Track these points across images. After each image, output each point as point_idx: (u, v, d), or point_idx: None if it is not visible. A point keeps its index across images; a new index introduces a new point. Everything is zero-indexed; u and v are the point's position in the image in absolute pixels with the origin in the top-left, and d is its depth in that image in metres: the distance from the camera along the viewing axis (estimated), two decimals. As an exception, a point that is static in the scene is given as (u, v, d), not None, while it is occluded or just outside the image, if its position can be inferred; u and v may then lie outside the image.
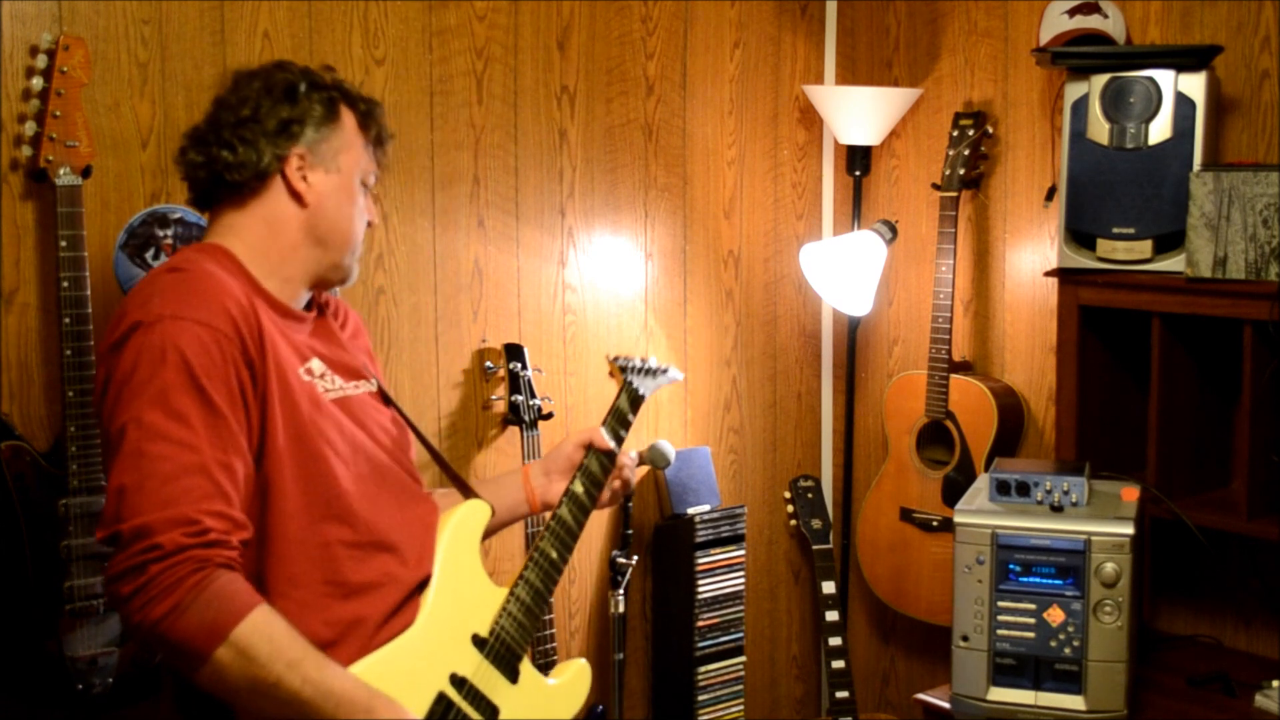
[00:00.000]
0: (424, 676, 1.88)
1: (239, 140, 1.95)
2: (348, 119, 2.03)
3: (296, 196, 1.97)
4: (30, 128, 2.38)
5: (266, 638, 1.69)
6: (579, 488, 2.20)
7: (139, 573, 1.66)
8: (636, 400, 2.35)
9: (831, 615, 3.42)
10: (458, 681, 1.93)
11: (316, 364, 1.96)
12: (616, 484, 2.30)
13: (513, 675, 2.02)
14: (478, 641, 1.99)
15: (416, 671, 1.87)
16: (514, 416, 2.98)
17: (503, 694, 1.98)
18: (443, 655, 1.94)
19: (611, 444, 2.26)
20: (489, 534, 2.24)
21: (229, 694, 1.72)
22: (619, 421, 2.30)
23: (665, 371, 2.42)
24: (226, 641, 1.67)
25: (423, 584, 1.97)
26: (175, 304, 1.79)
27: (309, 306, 2.06)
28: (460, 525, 2.06)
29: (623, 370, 2.36)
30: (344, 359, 2.04)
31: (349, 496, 1.91)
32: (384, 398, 2.10)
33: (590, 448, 2.25)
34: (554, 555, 2.12)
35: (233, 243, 1.96)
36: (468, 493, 2.17)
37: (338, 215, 2.01)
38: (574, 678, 2.17)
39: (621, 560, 2.75)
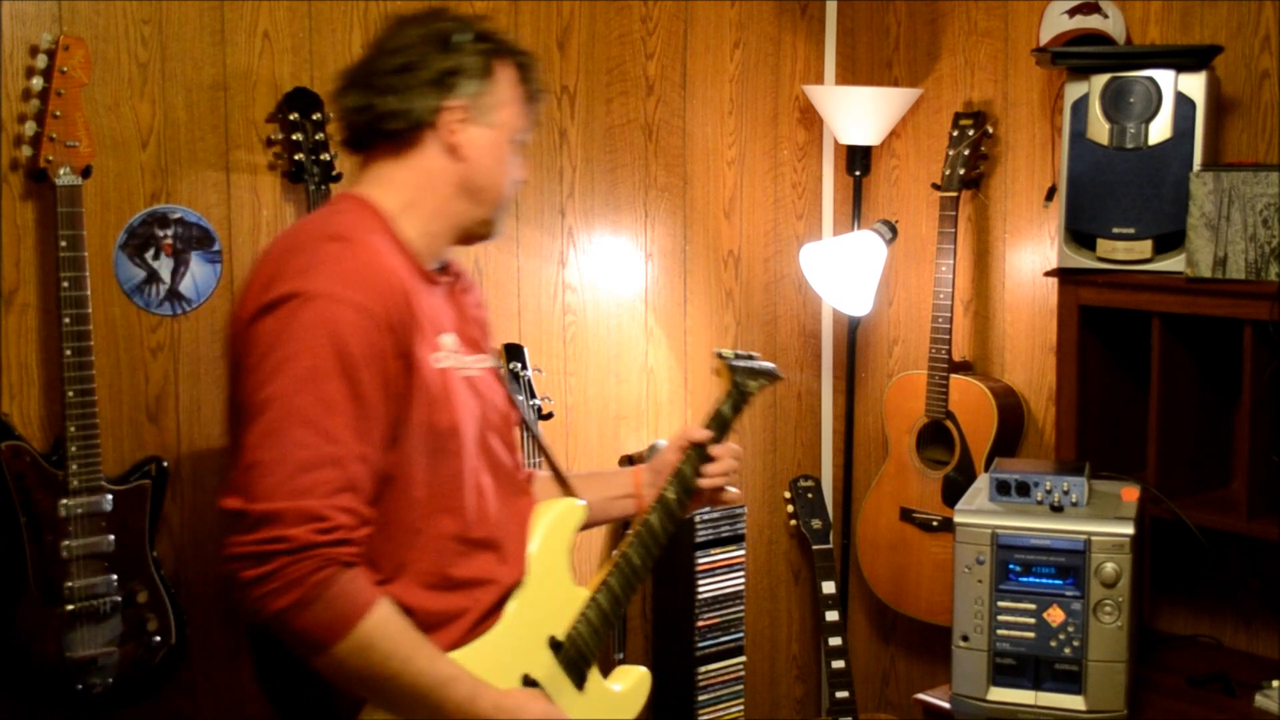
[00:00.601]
0: (499, 676, 1.86)
1: (399, 88, 1.91)
2: (505, 73, 1.98)
3: (452, 150, 1.93)
4: (30, 128, 2.38)
5: (384, 635, 1.71)
6: (671, 494, 2.16)
7: (263, 561, 1.65)
8: (741, 403, 2.26)
9: (831, 615, 3.42)
10: (529, 684, 1.92)
11: (449, 338, 1.92)
12: (726, 487, 2.23)
13: (580, 681, 2.01)
14: (554, 645, 1.98)
15: (492, 670, 1.86)
16: (514, 416, 2.98)
17: (568, 700, 1.97)
18: (519, 656, 1.93)
19: (707, 435, 2.20)
20: (590, 526, 2.20)
21: (343, 682, 1.75)
22: (719, 425, 2.22)
23: (770, 373, 2.33)
24: (348, 637, 1.68)
25: (516, 584, 1.96)
26: (338, 282, 1.75)
27: (442, 271, 2.02)
28: (555, 526, 2.04)
29: (732, 370, 2.26)
30: (470, 331, 2.02)
31: (466, 491, 1.90)
32: (498, 376, 2.08)
33: (688, 450, 2.20)
34: (637, 562, 2.10)
35: (384, 195, 1.93)
36: (565, 487, 2.15)
37: (492, 170, 1.97)
38: (635, 685, 2.14)
39: (621, 560, 2.75)
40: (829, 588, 3.44)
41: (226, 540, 1.69)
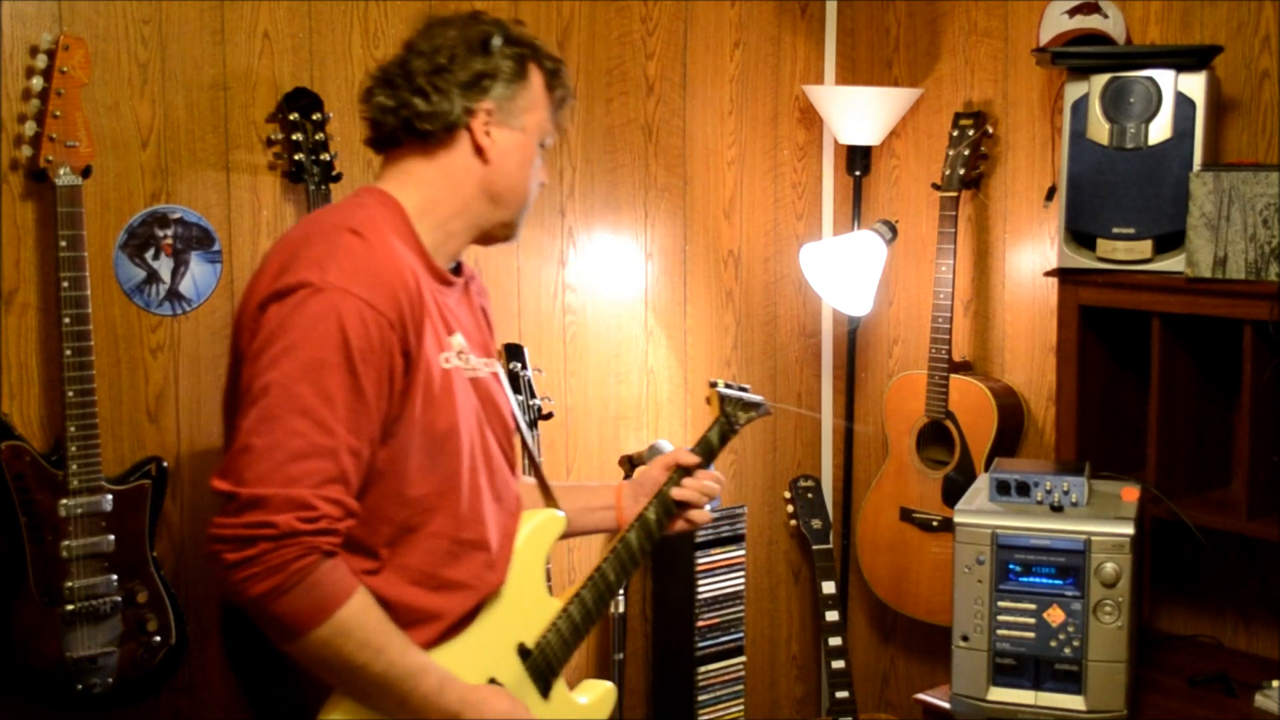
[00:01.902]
0: (465, 677, 1.88)
1: (433, 89, 1.92)
2: (535, 78, 2.00)
3: (479, 152, 1.95)
4: (30, 128, 2.38)
5: (359, 625, 1.73)
6: (651, 515, 2.18)
7: (247, 545, 1.67)
8: (728, 435, 2.29)
9: (831, 615, 3.42)
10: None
11: (458, 339, 1.94)
12: (696, 515, 2.24)
13: (545, 690, 2.03)
14: (522, 652, 2.00)
15: (459, 671, 1.87)
16: (514, 416, 2.98)
17: (533, 706, 1.99)
18: (487, 659, 1.94)
19: (696, 460, 2.22)
20: (567, 537, 2.23)
21: (315, 669, 1.77)
22: (705, 452, 2.25)
23: (759, 406, 2.34)
24: (323, 625, 1.71)
25: (496, 590, 1.97)
26: (350, 276, 1.76)
27: (455, 271, 2.04)
28: (535, 535, 2.06)
29: (722, 400, 2.29)
30: (479, 334, 2.04)
31: (463, 492, 1.91)
32: (500, 379, 2.08)
33: (674, 471, 2.21)
34: (612, 578, 2.13)
35: (407, 192, 1.94)
36: (548, 496, 2.17)
37: (516, 174, 1.99)
38: (600, 700, 2.16)
39: (621, 560, 2.75)
40: (829, 588, 3.44)
41: (213, 520, 1.71)
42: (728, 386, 2.32)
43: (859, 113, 3.40)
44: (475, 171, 1.96)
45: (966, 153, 3.24)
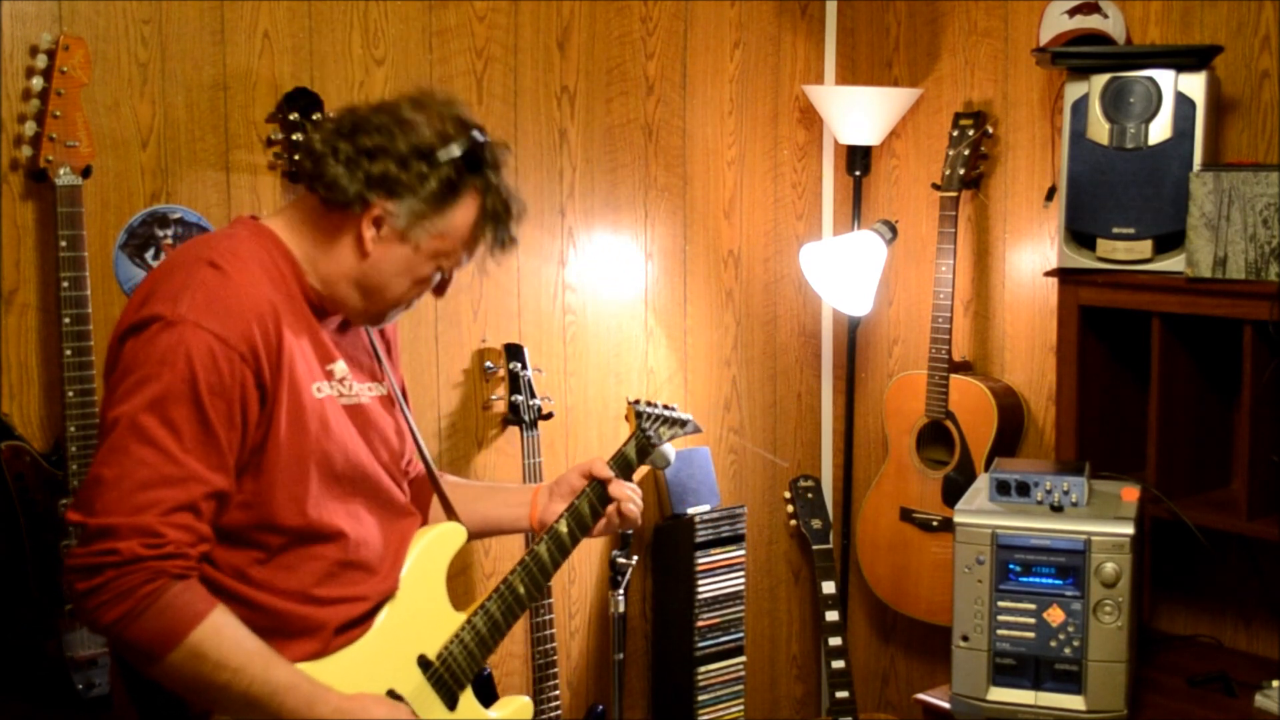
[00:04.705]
0: (362, 689, 1.88)
1: (345, 162, 1.85)
2: (465, 210, 1.92)
3: (358, 242, 1.89)
4: (30, 128, 2.38)
5: (216, 645, 1.74)
6: (563, 527, 2.16)
7: (95, 573, 1.70)
8: (645, 450, 2.28)
9: (831, 615, 3.42)
10: (394, 699, 1.93)
11: (339, 366, 1.94)
12: (615, 519, 2.22)
13: (451, 702, 2.02)
14: (423, 663, 1.99)
15: (356, 683, 1.87)
16: (514, 416, 2.98)
17: (437, 718, 1.99)
18: (384, 671, 1.94)
19: (610, 474, 2.21)
20: (483, 536, 2.24)
21: (178, 690, 1.78)
22: (621, 467, 2.24)
23: (684, 424, 2.34)
24: (178, 648, 1.72)
25: (385, 599, 1.98)
26: (202, 310, 1.77)
27: None
28: (431, 546, 2.06)
29: (639, 416, 2.30)
30: (364, 358, 2.02)
31: (339, 518, 1.91)
32: (392, 402, 2.07)
33: (590, 483, 2.20)
34: (521, 591, 2.11)
35: (294, 239, 1.92)
36: (449, 511, 2.16)
37: (389, 282, 1.92)
38: (516, 713, 2.16)
39: (621, 560, 2.75)
40: (829, 588, 3.44)
41: (67, 552, 1.73)
42: (649, 405, 2.33)
43: (859, 113, 3.40)
44: (350, 259, 1.91)
45: (966, 153, 3.24)
